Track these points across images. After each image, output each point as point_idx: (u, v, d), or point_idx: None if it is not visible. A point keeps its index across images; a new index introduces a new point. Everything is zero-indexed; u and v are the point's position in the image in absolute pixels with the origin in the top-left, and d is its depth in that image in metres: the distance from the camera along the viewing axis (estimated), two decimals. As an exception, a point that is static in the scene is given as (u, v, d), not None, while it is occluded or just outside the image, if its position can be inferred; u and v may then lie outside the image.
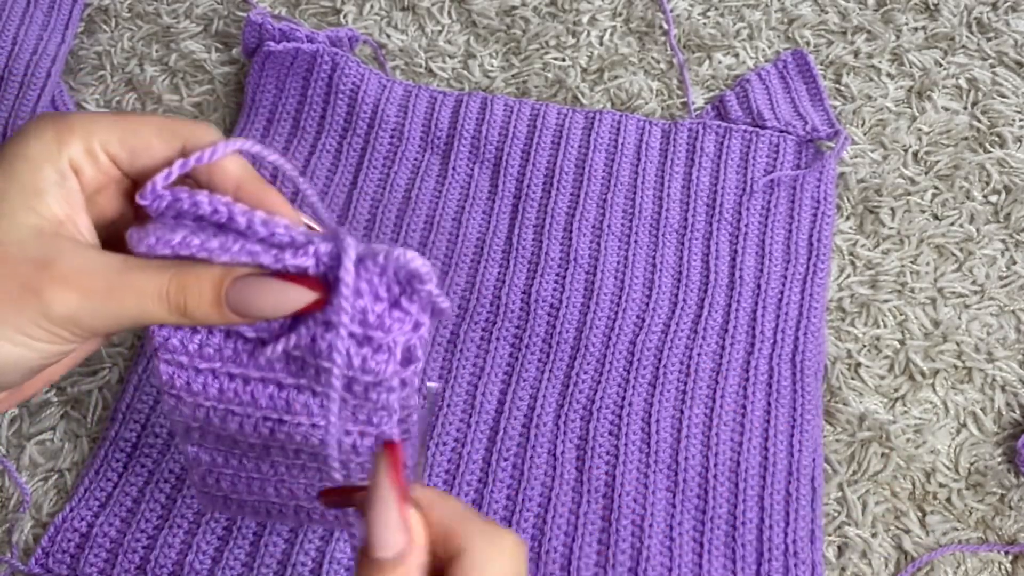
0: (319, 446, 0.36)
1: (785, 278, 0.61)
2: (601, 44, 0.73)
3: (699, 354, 0.58)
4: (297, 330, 0.33)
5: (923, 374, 0.59)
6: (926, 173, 0.66)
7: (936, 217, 0.65)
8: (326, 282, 0.32)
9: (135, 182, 0.35)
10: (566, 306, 0.60)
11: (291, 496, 0.40)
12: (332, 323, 0.32)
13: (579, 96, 0.70)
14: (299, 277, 0.32)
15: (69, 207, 0.33)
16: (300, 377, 0.35)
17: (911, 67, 0.71)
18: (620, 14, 0.74)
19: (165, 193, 0.33)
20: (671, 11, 0.74)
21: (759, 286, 0.61)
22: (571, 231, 0.62)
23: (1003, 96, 0.70)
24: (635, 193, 0.64)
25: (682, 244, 0.62)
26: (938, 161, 0.67)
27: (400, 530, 0.30)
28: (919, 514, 0.55)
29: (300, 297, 0.32)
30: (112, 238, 0.35)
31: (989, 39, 0.73)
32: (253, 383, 0.35)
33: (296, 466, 0.39)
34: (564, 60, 0.72)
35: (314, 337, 0.33)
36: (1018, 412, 0.58)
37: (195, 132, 0.34)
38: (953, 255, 0.63)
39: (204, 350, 0.35)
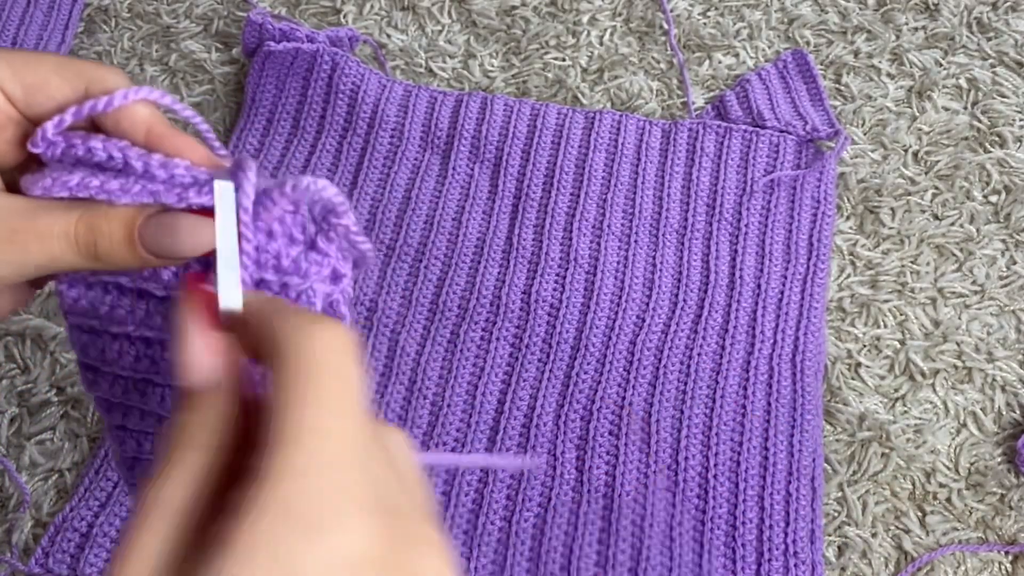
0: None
1: (785, 278, 0.61)
2: (601, 44, 0.73)
3: (699, 354, 0.58)
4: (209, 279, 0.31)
5: (923, 374, 0.59)
6: (926, 173, 0.66)
7: (936, 217, 0.65)
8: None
9: (35, 125, 0.33)
10: (566, 306, 0.59)
11: None
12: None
13: (579, 96, 0.70)
14: (211, 213, 0.30)
15: None
16: None
17: (911, 67, 0.71)
18: (620, 14, 0.74)
19: (58, 139, 0.31)
20: (671, 11, 0.74)
21: (759, 286, 0.61)
22: (571, 231, 0.62)
23: (1003, 96, 0.70)
24: (635, 193, 0.64)
25: (682, 244, 0.62)
26: (938, 161, 0.67)
27: (207, 360, 0.27)
28: (919, 514, 0.55)
29: (210, 231, 0.30)
30: (15, 187, 0.33)
31: (989, 39, 0.73)
32: (171, 349, 0.32)
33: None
34: (564, 60, 0.72)
35: None
36: (1018, 412, 0.58)
37: (99, 74, 0.32)
38: (953, 255, 0.63)
39: (115, 312, 0.33)
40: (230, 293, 0.29)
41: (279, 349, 0.25)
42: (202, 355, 0.27)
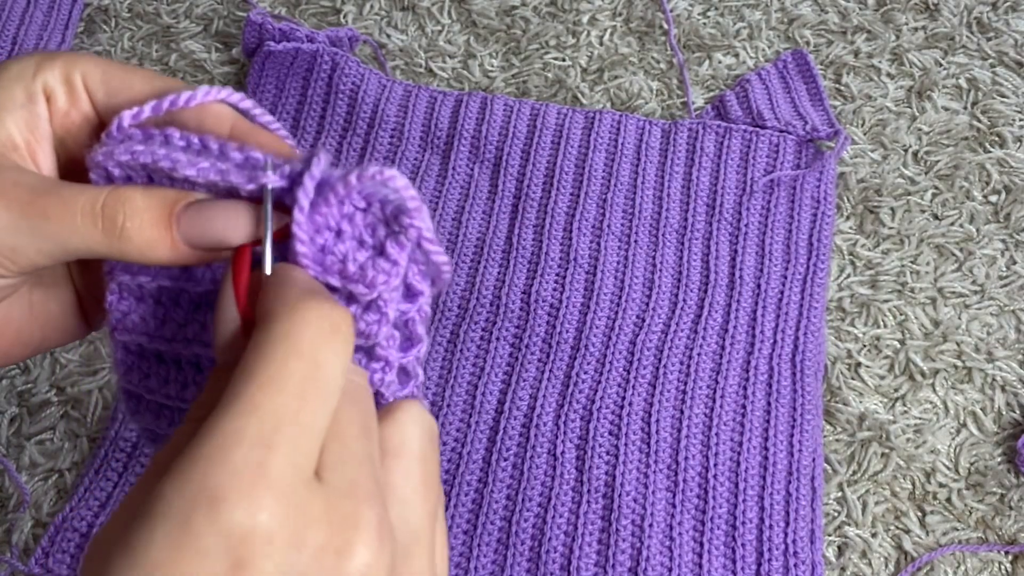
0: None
1: (785, 278, 0.61)
2: (601, 44, 0.73)
3: (699, 354, 0.58)
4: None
5: (923, 374, 0.59)
6: (926, 173, 0.66)
7: (936, 217, 0.65)
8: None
9: None
10: (566, 306, 0.60)
11: None
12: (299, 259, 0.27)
13: (579, 96, 0.70)
14: (284, 207, 0.27)
15: (30, 133, 0.29)
16: None
17: (911, 67, 0.71)
18: (620, 14, 0.74)
19: (135, 132, 0.29)
20: (671, 11, 0.74)
21: (759, 286, 0.61)
22: (571, 231, 0.62)
23: (1003, 96, 0.70)
24: (635, 193, 0.64)
25: (682, 244, 0.62)
26: (938, 161, 0.67)
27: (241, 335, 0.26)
28: (919, 514, 0.55)
29: (273, 220, 0.27)
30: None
31: (989, 39, 0.73)
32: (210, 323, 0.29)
33: None
34: (564, 60, 0.72)
35: None
36: (1018, 412, 0.58)
37: (182, 86, 0.30)
38: (953, 255, 0.63)
39: (166, 326, 0.30)
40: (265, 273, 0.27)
41: (259, 323, 0.25)
42: (233, 328, 0.26)
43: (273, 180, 0.27)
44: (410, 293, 0.29)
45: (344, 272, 0.27)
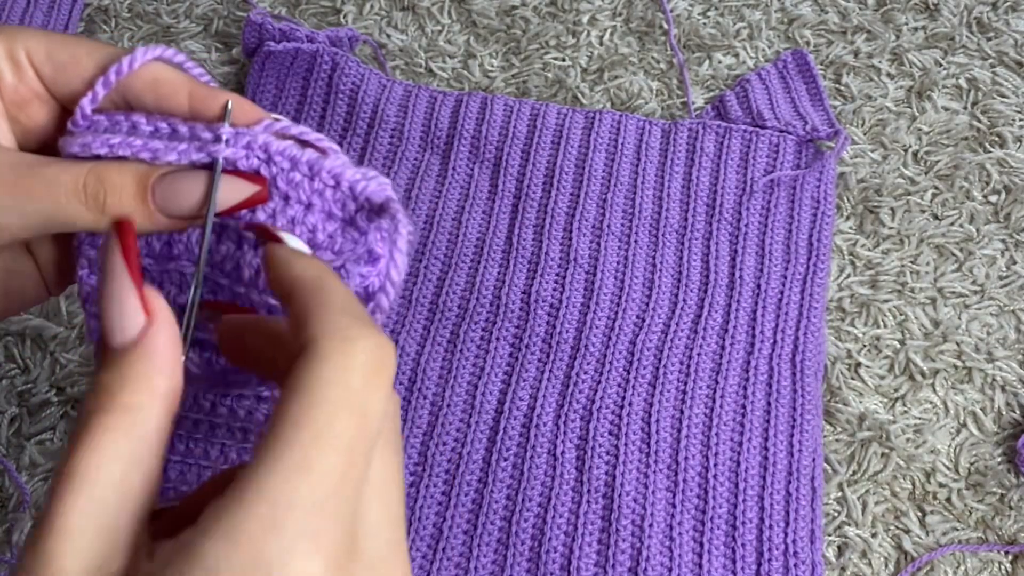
0: (265, 423, 0.33)
1: (785, 278, 0.61)
2: (601, 44, 0.73)
3: (699, 354, 0.58)
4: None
5: (923, 374, 0.59)
6: (926, 173, 0.66)
7: (936, 217, 0.65)
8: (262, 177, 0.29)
9: (65, 109, 0.32)
10: (566, 306, 0.60)
11: None
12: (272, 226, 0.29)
13: (579, 96, 0.70)
14: (235, 171, 0.29)
15: None
16: None
17: (911, 67, 0.71)
18: (620, 14, 0.74)
19: (100, 118, 0.31)
20: (671, 11, 0.74)
21: (759, 286, 0.61)
22: (571, 231, 0.62)
23: (1003, 96, 0.70)
24: (635, 193, 0.64)
25: (682, 244, 0.62)
26: (938, 161, 0.67)
27: (135, 312, 0.24)
28: (919, 514, 0.55)
29: (238, 190, 0.29)
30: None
31: (989, 39, 0.73)
32: (188, 346, 0.31)
33: (247, 451, 0.36)
34: (564, 60, 0.72)
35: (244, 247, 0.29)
36: (1018, 412, 0.58)
37: (122, 52, 0.31)
38: (953, 255, 0.63)
39: None
40: (291, 243, 0.28)
41: (306, 355, 0.23)
42: (130, 310, 0.24)
43: (222, 151, 0.29)
44: (371, 257, 0.31)
45: (313, 241, 0.29)
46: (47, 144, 0.33)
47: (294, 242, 0.29)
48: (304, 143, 0.31)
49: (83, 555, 0.21)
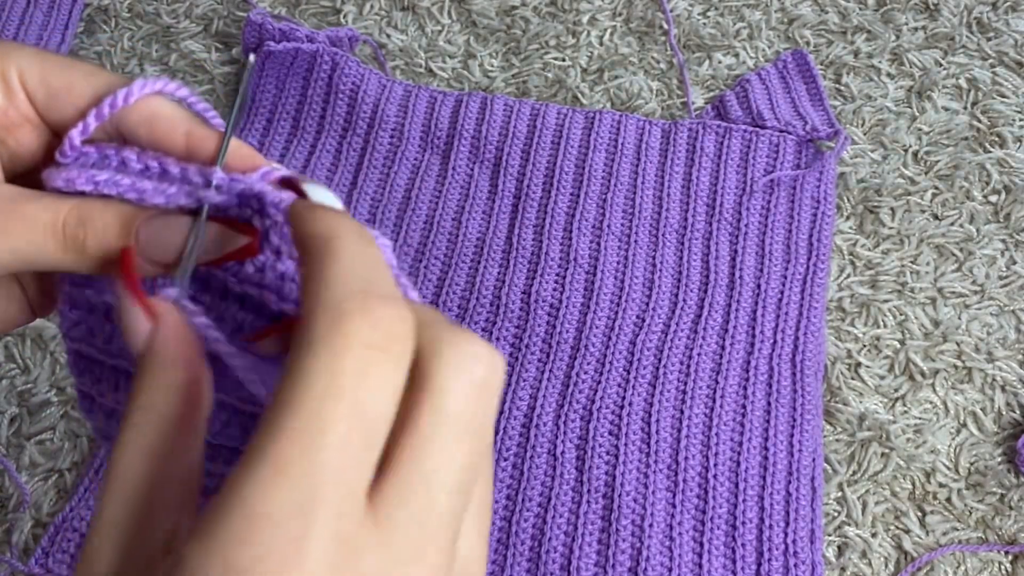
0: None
1: (785, 278, 0.61)
2: (601, 44, 0.73)
3: (699, 354, 0.58)
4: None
5: (923, 374, 0.59)
6: (926, 173, 0.66)
7: (936, 217, 0.65)
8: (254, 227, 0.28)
9: (56, 135, 0.31)
10: (566, 306, 0.59)
11: None
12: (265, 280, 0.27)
13: (579, 96, 0.70)
14: (226, 220, 0.28)
15: None
16: (218, 391, 0.29)
17: (911, 67, 0.71)
18: (620, 14, 0.74)
19: (89, 150, 0.29)
20: (671, 11, 0.74)
21: (759, 286, 0.61)
22: (571, 231, 0.62)
23: (1003, 96, 0.70)
24: (635, 193, 0.64)
25: (682, 244, 0.62)
26: (938, 161, 0.67)
27: (142, 323, 0.25)
28: (919, 514, 0.55)
29: (227, 240, 0.27)
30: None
31: (989, 39, 0.73)
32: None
33: None
34: (564, 60, 0.72)
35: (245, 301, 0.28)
36: (1018, 412, 0.58)
37: (122, 81, 0.29)
38: (953, 255, 0.63)
39: (113, 344, 0.30)
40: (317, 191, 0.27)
41: (295, 339, 0.21)
42: (138, 321, 0.25)
43: (213, 197, 0.27)
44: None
45: (281, 293, 0.27)
46: (35, 170, 0.31)
47: (319, 194, 0.27)
48: (300, 193, 0.29)
49: (118, 543, 0.22)
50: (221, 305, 0.29)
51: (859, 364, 0.59)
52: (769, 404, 0.57)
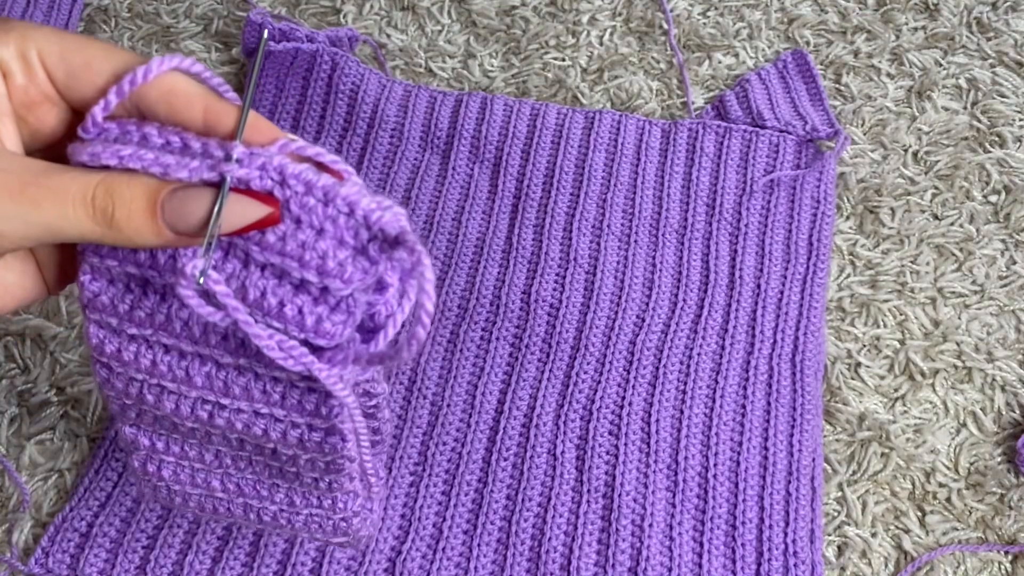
0: (261, 437, 0.33)
1: (785, 278, 0.61)
2: (601, 44, 0.73)
3: (699, 354, 0.58)
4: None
5: (923, 374, 0.59)
6: (926, 173, 0.66)
7: (936, 217, 0.65)
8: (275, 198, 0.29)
9: (76, 112, 0.32)
10: (566, 306, 0.60)
11: (238, 492, 0.37)
12: (284, 259, 0.29)
13: (579, 96, 0.70)
14: (248, 191, 0.29)
15: None
16: (239, 356, 0.31)
17: (911, 67, 0.71)
18: (620, 14, 0.74)
19: (111, 126, 0.30)
20: (671, 11, 0.74)
21: (759, 286, 0.61)
22: (571, 231, 0.62)
23: (1003, 96, 0.70)
24: (635, 193, 0.64)
25: (682, 244, 0.62)
26: (938, 161, 0.67)
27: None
28: (919, 514, 0.55)
29: (250, 211, 0.28)
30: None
31: (989, 39, 0.73)
32: (188, 358, 0.32)
33: (242, 458, 0.36)
34: (564, 60, 0.72)
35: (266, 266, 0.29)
36: (1018, 412, 0.58)
37: (139, 60, 0.30)
38: (953, 255, 0.63)
39: (135, 313, 0.31)
40: (200, 262, 0.29)
41: None
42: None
43: (235, 171, 0.29)
44: (379, 286, 0.31)
45: (322, 268, 0.29)
46: (54, 146, 0.32)
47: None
48: (319, 165, 0.31)
49: None
50: (244, 272, 0.30)
51: (859, 364, 0.59)
52: (769, 404, 0.57)
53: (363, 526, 0.40)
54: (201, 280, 0.29)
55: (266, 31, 0.34)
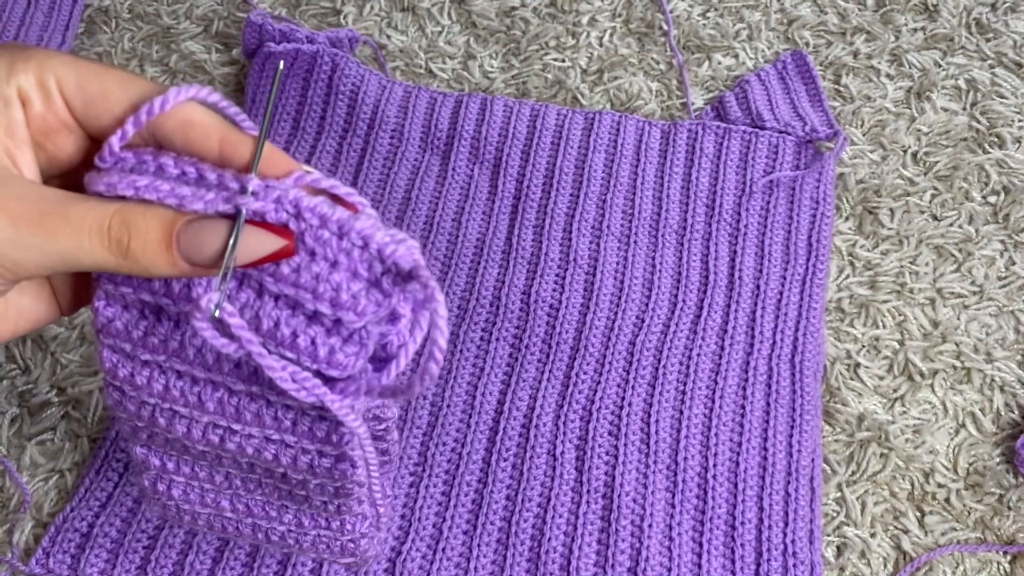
0: (272, 462, 0.33)
1: (784, 278, 0.61)
2: (601, 45, 0.73)
3: (699, 354, 0.58)
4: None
5: (922, 374, 0.59)
6: (925, 174, 0.67)
7: (935, 218, 0.65)
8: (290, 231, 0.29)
9: (92, 139, 0.32)
10: (566, 306, 0.60)
11: (247, 512, 0.38)
12: (299, 290, 0.29)
13: (579, 97, 0.70)
14: (263, 223, 0.29)
15: (8, 137, 0.30)
16: (252, 384, 0.32)
17: (910, 68, 0.71)
18: (620, 15, 0.74)
19: (127, 155, 0.31)
20: (671, 12, 0.74)
21: (758, 286, 0.61)
22: (571, 231, 0.62)
23: (1002, 97, 0.70)
24: (635, 194, 0.64)
25: (681, 245, 0.63)
26: (937, 162, 0.67)
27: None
28: (918, 514, 0.55)
29: (265, 243, 0.29)
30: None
31: (988, 40, 0.73)
32: (201, 384, 0.32)
33: (252, 480, 0.36)
34: (564, 61, 0.72)
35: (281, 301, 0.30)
36: (1017, 412, 0.58)
37: (161, 91, 0.31)
38: (952, 255, 0.63)
39: (149, 339, 0.32)
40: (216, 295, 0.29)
41: None
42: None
43: (250, 203, 0.29)
44: (392, 317, 0.31)
45: (336, 300, 0.29)
46: (70, 173, 0.32)
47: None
48: (334, 197, 0.31)
49: None
50: (257, 302, 0.30)
51: (858, 364, 0.59)
52: (768, 404, 0.57)
53: (370, 547, 0.40)
54: (216, 313, 0.29)
55: (281, 63, 0.34)
